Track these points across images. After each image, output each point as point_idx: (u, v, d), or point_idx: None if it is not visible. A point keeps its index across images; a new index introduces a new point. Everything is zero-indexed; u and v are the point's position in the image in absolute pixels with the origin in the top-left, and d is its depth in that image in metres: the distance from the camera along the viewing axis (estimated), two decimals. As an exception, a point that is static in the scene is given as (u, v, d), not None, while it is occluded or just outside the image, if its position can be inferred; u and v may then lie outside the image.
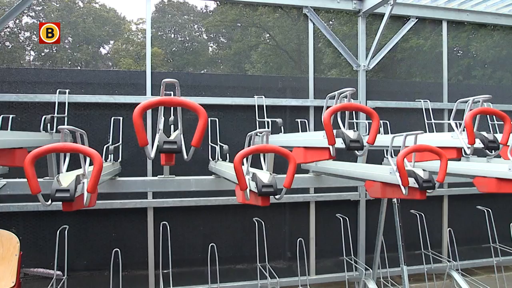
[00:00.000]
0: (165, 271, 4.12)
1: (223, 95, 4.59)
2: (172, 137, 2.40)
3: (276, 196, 2.26)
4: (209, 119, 4.07)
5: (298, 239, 4.41)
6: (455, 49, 5.80)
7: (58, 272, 3.85)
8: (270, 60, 5.43)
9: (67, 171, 2.33)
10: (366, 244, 4.87)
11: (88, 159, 2.05)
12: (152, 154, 2.09)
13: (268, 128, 3.91)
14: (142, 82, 4.37)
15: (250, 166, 2.39)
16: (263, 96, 4.48)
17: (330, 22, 5.27)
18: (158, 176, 3.44)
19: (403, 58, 5.46)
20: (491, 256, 4.90)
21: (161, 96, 2.58)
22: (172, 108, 3.56)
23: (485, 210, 4.94)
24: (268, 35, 5.38)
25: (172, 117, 3.55)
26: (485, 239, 4.95)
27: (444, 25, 5.38)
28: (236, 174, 2.13)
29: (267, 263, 4.25)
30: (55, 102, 4.02)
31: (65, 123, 3.96)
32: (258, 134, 2.94)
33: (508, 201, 5.38)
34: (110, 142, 3.88)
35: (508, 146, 2.77)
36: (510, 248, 4.91)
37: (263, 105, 4.43)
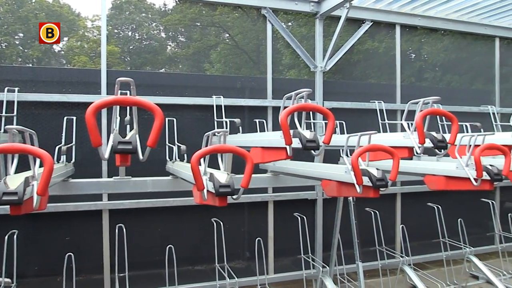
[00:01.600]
0: (121, 274, 4.02)
1: (182, 95, 4.54)
2: (127, 138, 2.35)
3: (234, 196, 2.26)
4: (167, 119, 4.02)
5: (257, 239, 4.43)
6: (408, 52, 6.02)
7: (7, 280, 3.68)
8: (229, 60, 5.43)
9: (15, 173, 2.23)
10: (323, 242, 4.97)
11: (38, 161, 1.97)
12: (106, 155, 2.04)
13: (226, 128, 3.91)
14: (97, 81, 4.25)
15: (209, 167, 2.38)
16: (221, 96, 4.47)
17: (289, 24, 5.34)
18: (114, 177, 3.36)
19: (359, 60, 5.61)
20: (441, 250, 5.13)
21: (116, 95, 2.52)
22: (128, 107, 3.49)
23: (435, 207, 5.17)
24: (227, 35, 5.37)
25: (128, 117, 3.48)
26: (435, 235, 5.18)
27: (398, 29, 5.57)
28: (193, 175, 2.12)
29: (225, 263, 4.25)
30: (3, 101, 3.84)
31: (14, 123, 3.79)
32: (216, 134, 2.94)
33: (457, 198, 5.64)
34: (63, 143, 3.75)
35: (456, 145, 2.91)
36: (458, 243, 5.15)
37: (221, 105, 4.42)
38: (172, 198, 4.37)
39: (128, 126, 3.45)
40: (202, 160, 2.26)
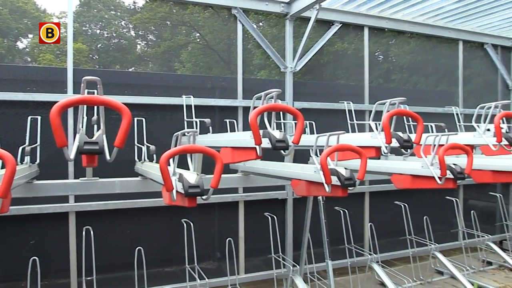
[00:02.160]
0: (88, 278, 3.94)
1: (151, 94, 4.47)
2: (93, 138, 2.31)
3: (203, 197, 2.25)
4: (135, 118, 3.95)
5: (228, 239, 4.43)
6: (376, 54, 6.13)
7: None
8: (200, 59, 5.39)
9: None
10: (293, 241, 5.00)
11: (0, 162, 1.91)
12: (72, 156, 1.99)
13: (196, 128, 3.88)
14: (63, 80, 4.14)
15: (179, 167, 2.36)
16: (191, 96, 4.44)
17: (260, 24, 5.35)
18: (80, 178, 3.29)
19: (329, 61, 5.68)
20: (408, 247, 5.27)
21: (82, 94, 2.47)
22: (96, 107, 3.41)
23: (402, 205, 5.30)
24: (198, 34, 5.33)
25: (95, 117, 3.40)
26: (402, 232, 5.31)
27: (366, 31, 5.68)
28: (162, 175, 2.10)
29: (196, 264, 4.22)
30: (-38, 100, 3.70)
31: (-26, 123, 3.65)
32: (185, 134, 2.92)
33: (422, 196, 5.79)
34: (27, 143, 3.63)
35: (421, 145, 2.99)
36: (424, 240, 5.30)
37: (191, 105, 4.38)
38: (141, 199, 4.31)
39: (95, 126, 3.37)
40: (171, 160, 2.24)
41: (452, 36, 6.32)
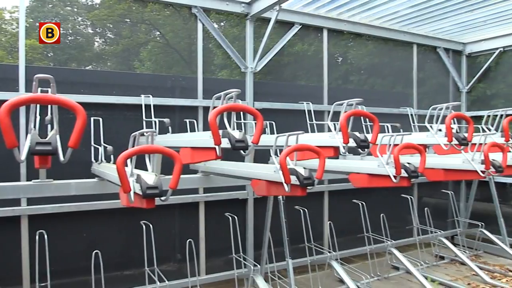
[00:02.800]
0: (42, 284, 3.79)
1: (109, 93, 4.36)
2: (46, 138, 2.23)
3: (162, 198, 2.22)
4: (92, 118, 3.84)
5: (188, 240, 4.39)
6: (335, 55, 6.25)
7: None
8: (160, 58, 5.30)
9: None
10: (254, 241, 5.02)
11: None
12: (23, 157, 1.92)
13: (155, 128, 3.83)
14: (15, 77, 3.96)
15: (138, 168, 2.32)
16: (150, 96, 4.36)
17: (222, 24, 5.33)
18: (33, 180, 3.16)
19: (289, 62, 5.74)
20: (365, 244, 5.41)
21: (34, 92, 2.38)
22: (50, 106, 3.29)
23: (360, 203, 5.44)
24: (158, 33, 5.25)
25: (49, 116, 3.28)
26: (360, 230, 5.45)
27: (325, 33, 5.78)
28: (119, 176, 2.05)
29: (155, 266, 4.16)
30: None
31: None
32: (143, 134, 2.87)
33: (379, 194, 5.97)
34: (-25, 144, 3.45)
35: (377, 145, 3.08)
36: (381, 237, 5.46)
37: (150, 105, 4.31)
38: (98, 201, 4.18)
39: (49, 126, 3.25)
40: (128, 161, 2.20)
41: (407, 39, 6.54)
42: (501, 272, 5.60)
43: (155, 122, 3.90)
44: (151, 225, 4.22)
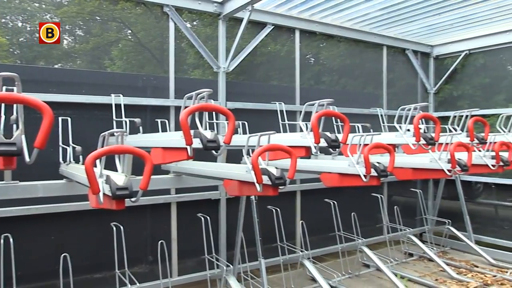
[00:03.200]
0: (7, 289, 3.67)
1: (78, 93, 4.26)
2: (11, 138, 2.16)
3: (132, 199, 2.19)
4: (60, 118, 3.75)
5: (160, 241, 4.34)
6: (308, 56, 6.31)
7: None
8: (132, 57, 5.22)
9: None
10: (227, 241, 5.01)
11: None
12: (-14, 158, 1.86)
13: (126, 128, 3.77)
14: (-22, 76, 3.82)
15: (109, 169, 2.28)
16: (120, 95, 4.29)
17: (194, 23, 5.30)
18: (-2, 182, 3.06)
19: (262, 62, 5.75)
20: (337, 243, 5.48)
21: (-2, 91, 2.30)
22: (16, 105, 3.19)
23: (332, 203, 5.51)
24: (130, 31, 5.16)
25: (14, 115, 3.18)
26: (332, 229, 5.51)
27: (297, 33, 5.83)
28: (87, 177, 2.01)
29: (126, 269, 4.09)
30: None
31: None
32: (113, 134, 2.82)
33: (350, 193, 6.05)
34: None
35: (348, 144, 3.13)
36: (352, 235, 5.55)
37: (121, 104, 4.24)
38: (66, 203, 4.07)
39: (15, 126, 3.16)
40: (98, 161, 2.16)
41: (377, 41, 6.67)
42: (466, 267, 5.79)
43: (125, 122, 3.83)
44: (121, 227, 4.14)
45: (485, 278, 5.31)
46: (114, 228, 4.14)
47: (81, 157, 3.19)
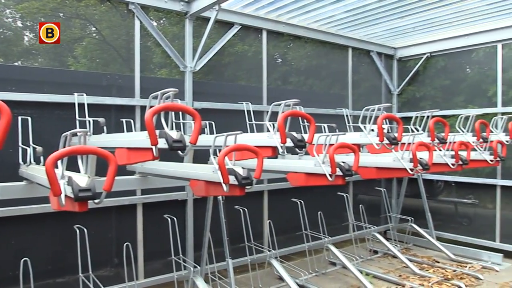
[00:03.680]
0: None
1: (39, 91, 4.13)
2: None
3: (96, 201, 2.14)
4: (20, 117, 3.61)
5: (125, 244, 4.26)
6: (275, 56, 6.35)
7: None
8: (96, 55, 5.10)
9: None
10: (194, 242, 4.96)
11: None
12: None
13: (89, 128, 3.68)
14: None
15: (72, 171, 2.22)
16: (84, 94, 4.18)
17: (161, 21, 5.23)
18: (-48, 184, 2.92)
19: (230, 62, 5.74)
20: (304, 242, 5.54)
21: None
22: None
23: (299, 202, 5.56)
24: (94, 28, 5.04)
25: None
26: (299, 228, 5.57)
27: (264, 34, 5.85)
28: (48, 179, 1.95)
29: (90, 272, 3.99)
30: None
31: None
32: (76, 134, 2.75)
33: (316, 192, 6.13)
34: None
35: (314, 144, 3.17)
36: (318, 234, 5.62)
37: (84, 103, 4.13)
38: (27, 206, 3.93)
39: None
40: (59, 162, 2.10)
41: (343, 43, 6.79)
42: (428, 263, 5.98)
43: (89, 121, 3.74)
44: (85, 229, 4.04)
45: (445, 273, 5.50)
46: (78, 231, 4.03)
47: (42, 158, 3.09)
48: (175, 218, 4.62)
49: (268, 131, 3.05)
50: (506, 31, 6.15)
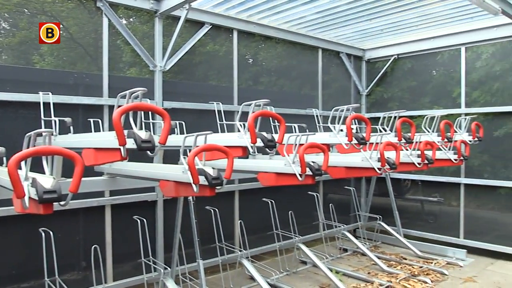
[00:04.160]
0: None
1: (2, 90, 3.98)
2: None
3: (61, 203, 2.09)
4: (-19, 117, 3.49)
5: (93, 246, 4.17)
6: (246, 56, 6.35)
7: None
8: (63, 53, 4.96)
9: None
10: (165, 243, 4.91)
11: None
12: None
13: (55, 128, 3.58)
14: None
15: (37, 172, 2.15)
16: (49, 93, 4.06)
17: (131, 20, 5.15)
18: None
19: (201, 62, 5.71)
20: (275, 241, 5.57)
21: None
22: None
23: (269, 202, 5.59)
24: (61, 26, 4.91)
25: None
26: (270, 227, 5.60)
27: (235, 34, 5.85)
28: (10, 180, 1.89)
29: (57, 276, 3.89)
30: None
31: None
32: (41, 134, 2.67)
33: (287, 192, 6.16)
34: None
35: (284, 144, 3.19)
36: (289, 233, 5.66)
37: (49, 102, 4.02)
38: (-11, 209, 3.81)
39: None
40: (23, 163, 2.04)
41: (313, 44, 6.87)
42: (396, 260, 6.12)
43: (55, 121, 3.63)
44: (51, 232, 3.93)
45: (412, 269, 5.65)
46: (43, 234, 3.92)
47: (4, 159, 2.98)
48: (144, 220, 4.55)
49: (239, 131, 3.05)
50: (469, 34, 6.37)
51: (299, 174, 3.01)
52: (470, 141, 5.05)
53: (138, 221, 4.53)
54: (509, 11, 5.12)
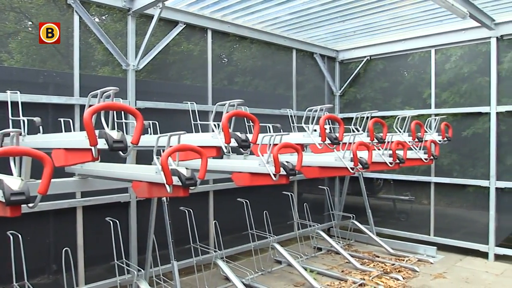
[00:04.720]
0: None
1: (-32, 89, 3.86)
2: None
3: (30, 205, 2.04)
4: None
5: (64, 249, 4.08)
6: (221, 56, 6.34)
7: None
8: (33, 51, 4.83)
9: None
10: (138, 245, 4.84)
11: None
12: None
13: (23, 128, 3.48)
14: None
15: (4, 173, 2.09)
16: (18, 92, 3.95)
17: (103, 18, 5.06)
18: None
19: (175, 61, 5.66)
20: (250, 241, 5.58)
21: None
22: None
23: (244, 202, 5.60)
24: (30, 23, 4.78)
25: None
26: (245, 227, 5.60)
27: (209, 33, 5.83)
28: (-25, 183, 1.83)
29: (26, 281, 3.79)
30: None
31: None
32: (8, 134, 2.60)
33: (262, 192, 6.18)
34: None
35: (258, 144, 3.20)
36: (264, 233, 5.68)
37: (18, 102, 3.90)
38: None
39: None
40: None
41: (287, 44, 6.91)
42: (369, 258, 6.23)
43: (23, 121, 3.53)
44: (20, 235, 3.82)
45: (385, 266, 5.75)
46: (11, 237, 3.81)
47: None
48: (117, 221, 4.48)
49: (213, 131, 3.04)
50: (439, 37, 6.55)
51: (273, 174, 3.02)
52: (439, 141, 5.18)
53: (111, 222, 4.46)
54: (477, 15, 5.29)
